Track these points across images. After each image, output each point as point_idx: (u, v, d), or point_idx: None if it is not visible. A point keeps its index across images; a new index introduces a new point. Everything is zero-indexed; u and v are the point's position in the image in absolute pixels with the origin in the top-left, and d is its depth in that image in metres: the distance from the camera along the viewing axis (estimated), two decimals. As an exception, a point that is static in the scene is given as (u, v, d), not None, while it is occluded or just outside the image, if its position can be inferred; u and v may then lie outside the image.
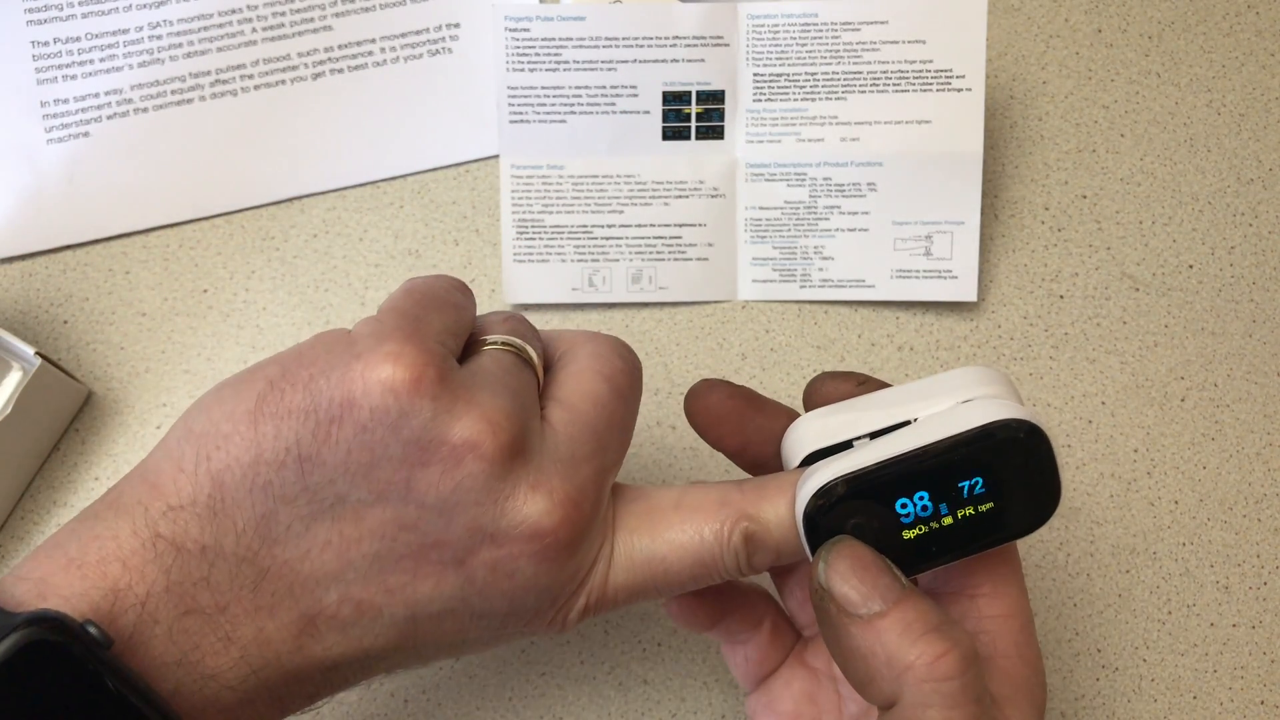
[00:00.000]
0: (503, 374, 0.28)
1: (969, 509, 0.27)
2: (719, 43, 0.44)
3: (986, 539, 0.28)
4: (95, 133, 0.46)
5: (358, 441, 0.25)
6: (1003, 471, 0.27)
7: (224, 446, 0.25)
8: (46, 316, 0.45)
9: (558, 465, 0.27)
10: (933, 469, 0.27)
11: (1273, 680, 0.42)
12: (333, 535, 0.26)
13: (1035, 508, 0.28)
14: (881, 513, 0.27)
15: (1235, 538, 0.43)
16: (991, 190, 0.46)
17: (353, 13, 0.47)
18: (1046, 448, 0.27)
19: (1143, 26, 0.48)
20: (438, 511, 0.26)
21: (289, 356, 0.26)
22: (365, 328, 0.27)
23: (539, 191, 0.45)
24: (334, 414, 0.25)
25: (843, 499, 0.27)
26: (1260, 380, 0.44)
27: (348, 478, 0.25)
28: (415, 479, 0.25)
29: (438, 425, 0.25)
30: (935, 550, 0.28)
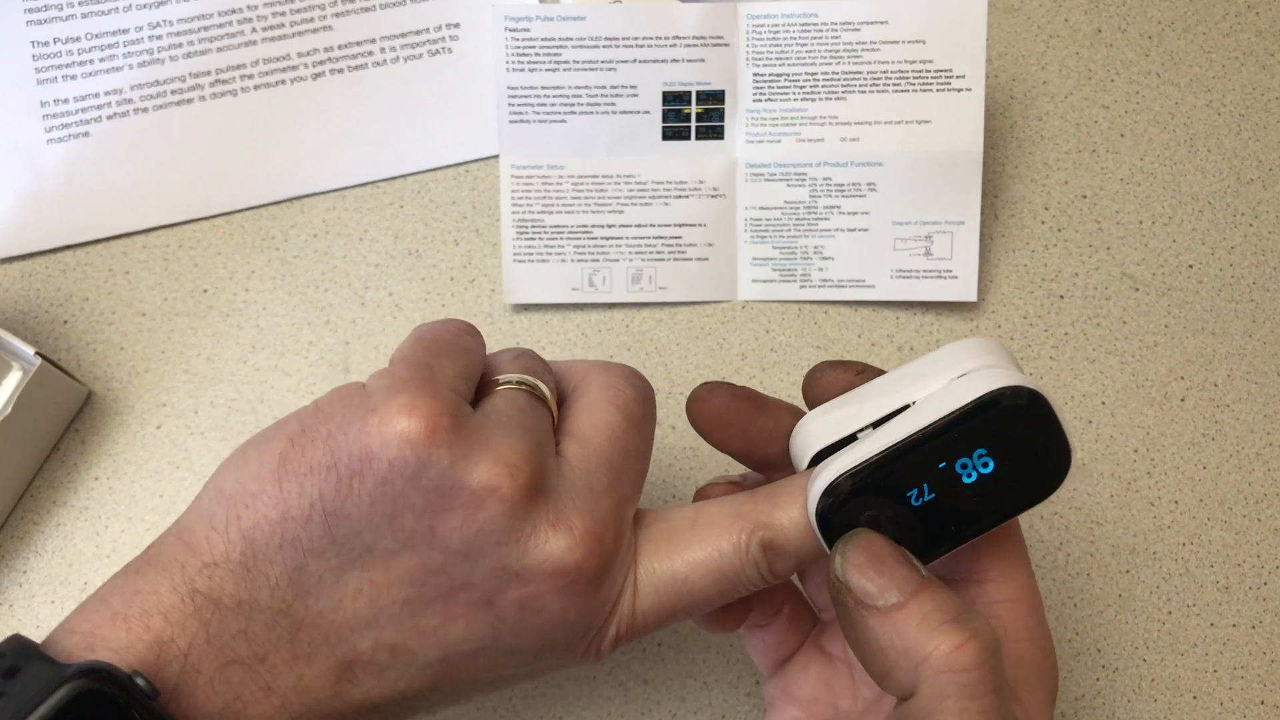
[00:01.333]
0: (517, 414, 0.28)
1: (982, 484, 0.27)
2: (719, 43, 0.44)
3: (1003, 510, 0.27)
4: (95, 133, 0.46)
5: (379, 493, 0.26)
6: (1007, 441, 0.27)
7: (252, 505, 0.26)
8: (46, 316, 0.45)
9: (576, 501, 0.27)
10: (936, 450, 0.27)
11: (1273, 680, 0.42)
12: (363, 584, 0.26)
13: (1047, 472, 0.27)
14: (893, 501, 0.27)
15: (1235, 538, 0.43)
16: (991, 190, 0.46)
17: (353, 13, 0.47)
18: (1047, 410, 0.27)
19: (1143, 26, 0.48)
20: (463, 555, 0.26)
21: (308, 413, 0.27)
22: (379, 380, 0.27)
23: (539, 191, 0.45)
24: (354, 468, 0.26)
25: (851, 494, 0.27)
26: (1260, 380, 0.44)
27: (373, 528, 0.26)
28: (438, 525, 0.26)
29: (455, 472, 0.26)
30: (954, 529, 0.27)
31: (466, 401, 0.28)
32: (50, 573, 0.42)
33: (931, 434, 0.27)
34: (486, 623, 0.27)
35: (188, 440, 0.44)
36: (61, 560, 0.42)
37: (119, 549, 0.42)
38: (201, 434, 0.44)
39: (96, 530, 0.43)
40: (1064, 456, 0.27)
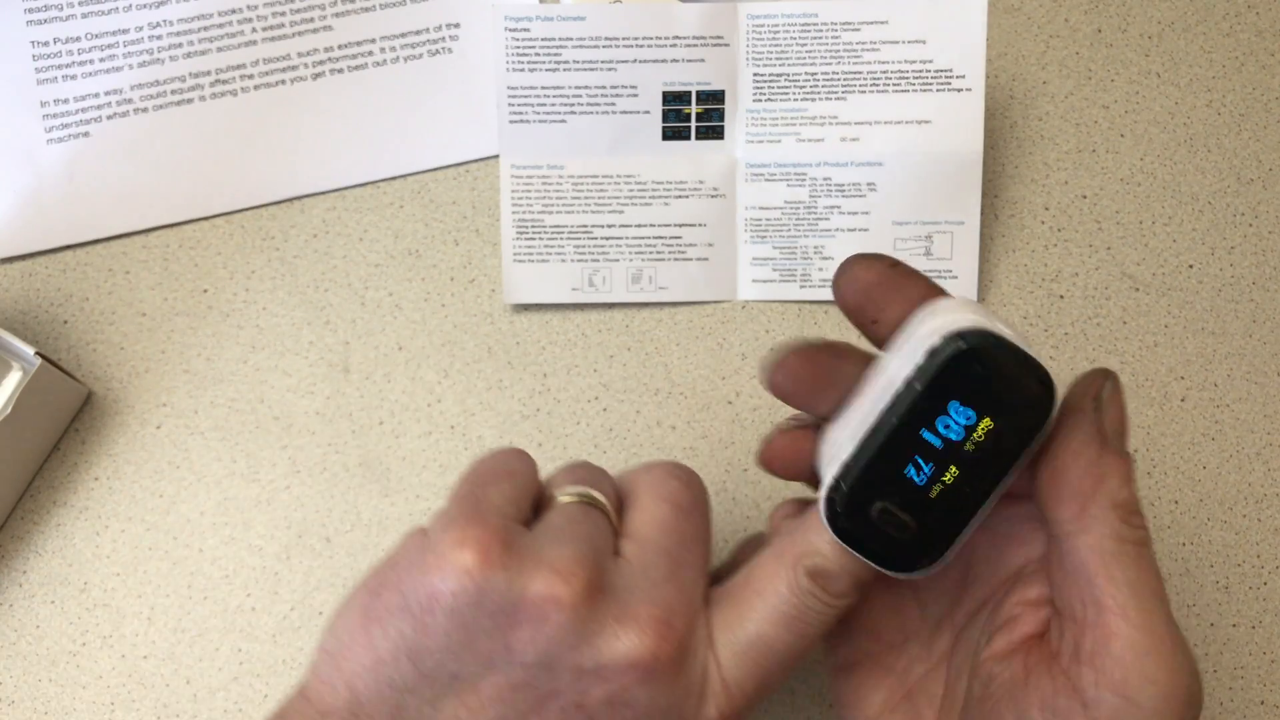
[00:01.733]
0: (569, 524, 0.30)
1: (972, 438, 0.26)
2: (719, 43, 0.44)
3: (1011, 456, 0.26)
4: (95, 133, 0.46)
5: (451, 624, 0.28)
6: (974, 386, 0.26)
7: (348, 655, 0.29)
8: (46, 316, 0.45)
9: (638, 593, 0.28)
10: (909, 422, 0.26)
11: (1273, 680, 0.42)
12: (460, 710, 0.28)
13: (1032, 399, 0.26)
14: (896, 486, 0.27)
15: (1235, 538, 0.43)
16: (991, 190, 0.46)
17: (353, 13, 0.47)
18: (995, 342, 0.26)
19: (1143, 26, 0.48)
20: (542, 666, 0.28)
21: (383, 566, 0.30)
22: (435, 522, 0.29)
23: (539, 191, 0.45)
24: (425, 606, 0.28)
25: (851, 496, 0.27)
26: (1260, 380, 0.44)
27: (454, 657, 0.28)
28: (512, 642, 0.28)
29: (514, 590, 0.28)
30: (969, 490, 0.27)
31: (519, 522, 0.30)
32: (50, 573, 0.42)
33: (898, 409, 0.26)
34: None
35: (188, 440, 0.44)
36: (61, 560, 0.42)
37: (119, 549, 0.42)
38: (201, 434, 0.44)
39: (96, 530, 0.43)
40: (1039, 377, 0.26)
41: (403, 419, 0.44)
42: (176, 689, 0.41)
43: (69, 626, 0.42)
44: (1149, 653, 0.26)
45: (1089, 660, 0.27)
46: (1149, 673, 0.26)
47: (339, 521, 0.43)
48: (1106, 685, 0.26)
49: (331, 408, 0.44)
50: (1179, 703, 0.26)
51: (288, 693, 0.30)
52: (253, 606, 0.42)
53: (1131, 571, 0.27)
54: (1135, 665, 0.26)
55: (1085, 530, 0.27)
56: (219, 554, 0.42)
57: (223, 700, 0.41)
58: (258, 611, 0.42)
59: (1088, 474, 0.27)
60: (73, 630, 0.42)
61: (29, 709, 0.41)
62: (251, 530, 0.43)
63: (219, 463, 0.43)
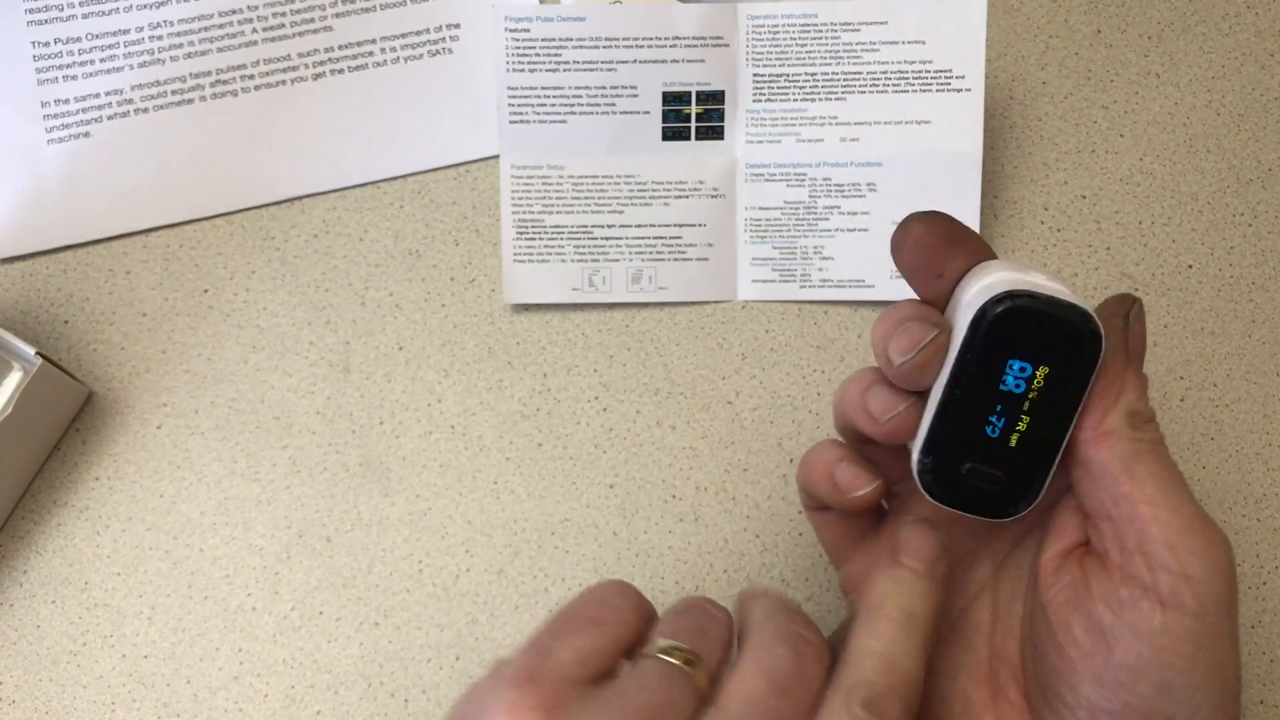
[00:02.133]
0: (639, 692, 0.27)
1: (1034, 386, 0.28)
2: (719, 43, 0.44)
3: (1075, 393, 0.28)
4: (96, 133, 0.46)
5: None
6: (1024, 341, 0.28)
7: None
8: (47, 316, 0.45)
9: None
10: (974, 385, 0.28)
11: (1272, 680, 0.42)
12: None
13: (1082, 339, 0.28)
14: (978, 444, 0.29)
15: (1235, 537, 0.43)
16: (991, 190, 0.46)
17: (353, 13, 0.47)
18: (1034, 298, 0.27)
19: (1142, 27, 0.48)
20: None
21: (460, 703, 0.28)
22: (497, 671, 0.28)
23: (539, 192, 0.45)
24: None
25: (938, 464, 0.29)
26: (1259, 380, 0.44)
27: None
28: None
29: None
30: (1046, 433, 0.28)
31: (591, 680, 0.28)
32: (51, 572, 0.42)
33: (963, 377, 0.28)
34: None
35: (188, 440, 0.44)
36: (62, 560, 0.42)
37: (119, 549, 0.42)
38: (202, 434, 0.44)
39: (97, 530, 0.43)
40: (1081, 319, 0.27)
41: (403, 419, 0.44)
42: (177, 688, 0.41)
43: (70, 626, 0.42)
44: (1185, 530, 0.28)
45: (1136, 550, 0.28)
46: (1192, 546, 0.28)
47: (339, 521, 0.43)
48: (1160, 567, 0.28)
49: (332, 408, 0.44)
50: (1224, 566, 0.28)
51: None
52: (253, 606, 0.42)
53: (1152, 465, 0.28)
54: (1179, 543, 0.28)
55: (1105, 436, 0.28)
56: (219, 554, 0.42)
57: (223, 700, 0.41)
58: (258, 611, 0.42)
59: (1112, 385, 0.29)
60: (73, 630, 0.42)
61: (30, 708, 0.41)
62: (252, 530, 0.43)
63: (219, 462, 0.43)
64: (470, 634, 0.42)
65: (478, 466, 0.43)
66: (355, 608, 0.42)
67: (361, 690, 0.41)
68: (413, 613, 0.42)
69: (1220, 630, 0.28)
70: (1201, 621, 0.28)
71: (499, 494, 0.43)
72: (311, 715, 0.41)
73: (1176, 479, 0.29)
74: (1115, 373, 0.29)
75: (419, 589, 0.42)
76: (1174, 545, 0.28)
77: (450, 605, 0.42)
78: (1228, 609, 0.28)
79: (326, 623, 0.42)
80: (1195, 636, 0.27)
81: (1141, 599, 0.28)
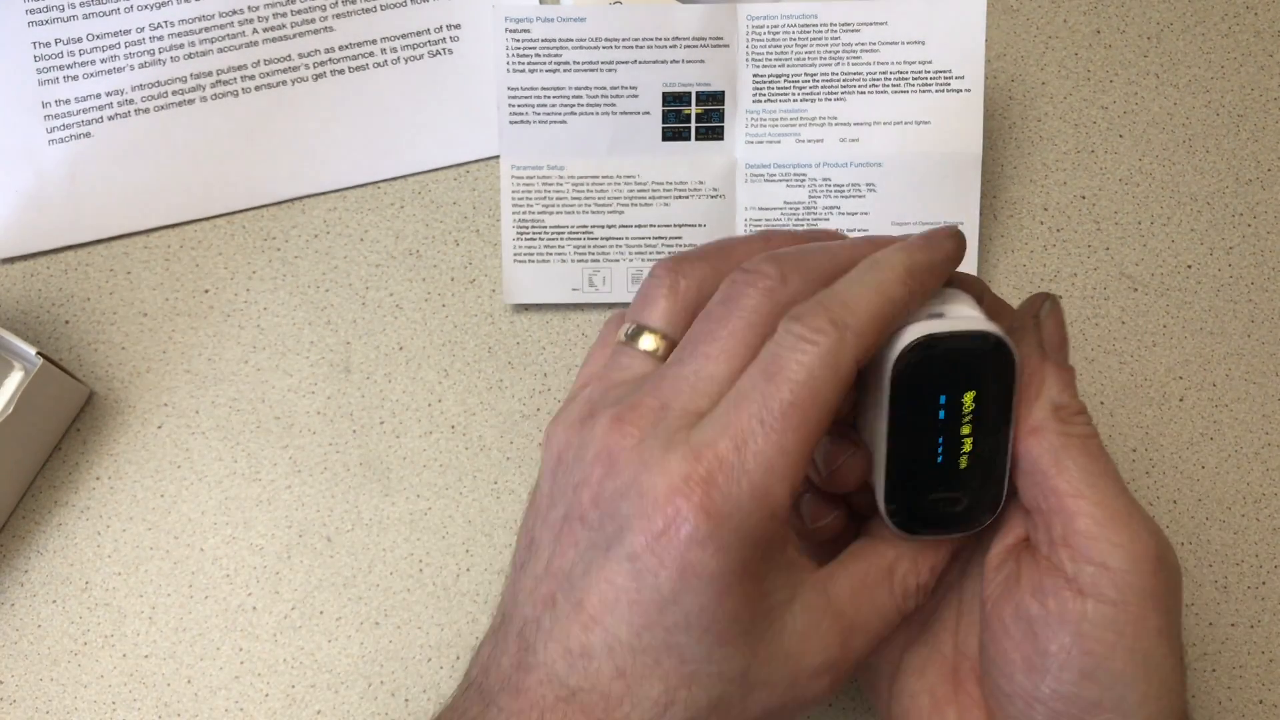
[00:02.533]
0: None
1: (967, 410, 0.29)
2: (719, 44, 0.44)
3: (1004, 404, 0.30)
4: (97, 133, 0.46)
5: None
6: (945, 378, 0.29)
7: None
8: (48, 316, 0.45)
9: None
10: (914, 430, 0.30)
11: (1271, 679, 0.42)
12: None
13: (996, 358, 0.29)
14: (933, 475, 0.30)
15: (1234, 537, 0.43)
16: (990, 191, 0.46)
17: (354, 14, 0.47)
18: (937, 340, 0.29)
19: (1141, 27, 0.48)
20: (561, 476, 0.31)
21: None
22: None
23: (539, 192, 0.45)
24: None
25: (904, 505, 0.30)
26: (1259, 380, 0.44)
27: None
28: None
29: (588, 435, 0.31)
30: (991, 445, 0.30)
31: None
32: (52, 572, 0.42)
33: (899, 426, 0.30)
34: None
35: (189, 440, 0.44)
36: (63, 560, 0.42)
37: (120, 548, 0.42)
38: (203, 434, 0.44)
39: (98, 530, 0.43)
40: (984, 340, 0.29)
41: (403, 419, 0.44)
42: (178, 688, 0.41)
43: (70, 626, 0.42)
44: (1108, 521, 0.29)
45: (1062, 542, 0.29)
46: (1113, 538, 0.29)
47: (340, 521, 0.43)
48: (1081, 558, 0.29)
49: (332, 407, 0.44)
50: (1149, 561, 0.29)
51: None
52: (254, 606, 0.42)
53: (1080, 459, 0.29)
54: (1100, 534, 0.29)
55: (1032, 431, 0.30)
56: (220, 553, 0.42)
57: (224, 699, 0.41)
58: (259, 611, 0.42)
59: (1030, 381, 0.30)
60: (74, 629, 0.42)
61: (30, 708, 0.41)
62: (252, 530, 0.43)
63: (220, 462, 0.43)
64: (470, 634, 0.42)
65: (478, 466, 0.43)
66: (355, 607, 0.42)
67: (361, 690, 0.41)
68: (413, 613, 0.42)
69: (1143, 620, 0.29)
70: (1122, 610, 0.28)
71: (499, 494, 0.43)
72: (312, 715, 0.41)
73: (1106, 472, 0.30)
74: (1032, 370, 0.30)
75: (419, 589, 0.42)
76: (1095, 537, 0.29)
77: (450, 605, 0.42)
78: (1153, 600, 0.29)
79: (327, 622, 0.42)
80: (1115, 625, 0.28)
81: (1064, 588, 0.29)
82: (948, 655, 0.33)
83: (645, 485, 0.27)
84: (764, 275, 0.30)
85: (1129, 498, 0.30)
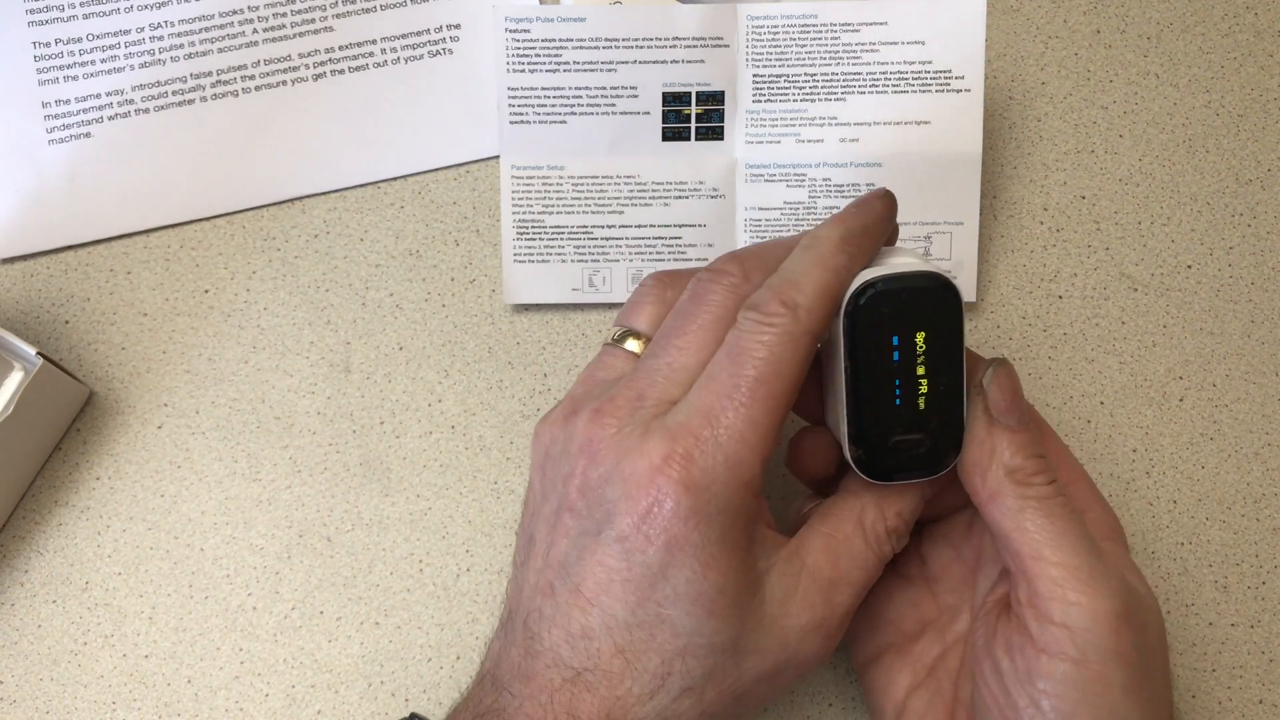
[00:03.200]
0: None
1: (920, 351, 0.31)
2: (719, 44, 0.44)
3: (955, 341, 0.31)
4: (97, 133, 0.46)
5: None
6: (894, 318, 0.31)
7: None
8: (48, 317, 0.45)
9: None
10: (870, 372, 0.31)
11: (1271, 679, 0.42)
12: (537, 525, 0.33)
13: (941, 295, 0.31)
14: (892, 417, 0.31)
15: (1234, 537, 0.43)
16: (990, 191, 0.46)
17: (354, 14, 0.47)
18: (884, 281, 0.30)
19: (1141, 27, 0.48)
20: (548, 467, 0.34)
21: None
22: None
23: (539, 192, 0.45)
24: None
25: (868, 449, 0.32)
26: (1259, 380, 0.44)
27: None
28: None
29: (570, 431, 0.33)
30: (946, 384, 0.31)
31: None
32: (52, 572, 0.42)
33: (856, 370, 0.31)
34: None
35: (189, 440, 0.44)
36: (63, 560, 0.42)
37: (120, 549, 0.42)
38: (203, 434, 0.44)
39: (98, 530, 0.43)
40: (929, 279, 0.31)
41: (403, 419, 0.44)
42: (178, 688, 0.41)
43: (70, 626, 0.42)
44: (1067, 581, 0.30)
45: (1028, 602, 0.30)
46: (1071, 598, 0.29)
47: (340, 521, 0.43)
48: (1043, 618, 0.30)
49: (332, 408, 0.44)
50: (1110, 619, 0.29)
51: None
52: (254, 606, 0.42)
53: (1038, 520, 0.30)
54: (1058, 595, 0.30)
55: (990, 497, 0.31)
56: (220, 553, 0.42)
57: (224, 699, 0.41)
58: (259, 611, 0.42)
59: (980, 450, 0.31)
60: (74, 629, 0.42)
61: (30, 708, 0.41)
62: (252, 530, 0.43)
63: (220, 462, 0.43)
64: (470, 634, 0.42)
65: (478, 466, 0.43)
66: (355, 608, 0.42)
67: (361, 690, 0.41)
68: (413, 613, 0.42)
69: (1106, 678, 0.29)
70: (1084, 668, 0.29)
71: (499, 494, 0.43)
72: (312, 715, 0.41)
73: (1068, 531, 0.30)
74: (979, 438, 0.31)
75: (419, 589, 0.42)
76: (1055, 598, 0.30)
77: (450, 605, 0.42)
78: (1117, 658, 0.29)
79: (327, 622, 0.42)
80: (1078, 683, 0.29)
81: (1029, 645, 0.30)
82: (948, 701, 0.34)
83: (627, 470, 0.29)
84: (727, 273, 0.32)
85: (1093, 554, 0.30)
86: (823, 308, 0.31)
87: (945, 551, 0.36)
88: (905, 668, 0.35)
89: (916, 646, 0.35)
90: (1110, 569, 0.30)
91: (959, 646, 0.35)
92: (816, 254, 0.31)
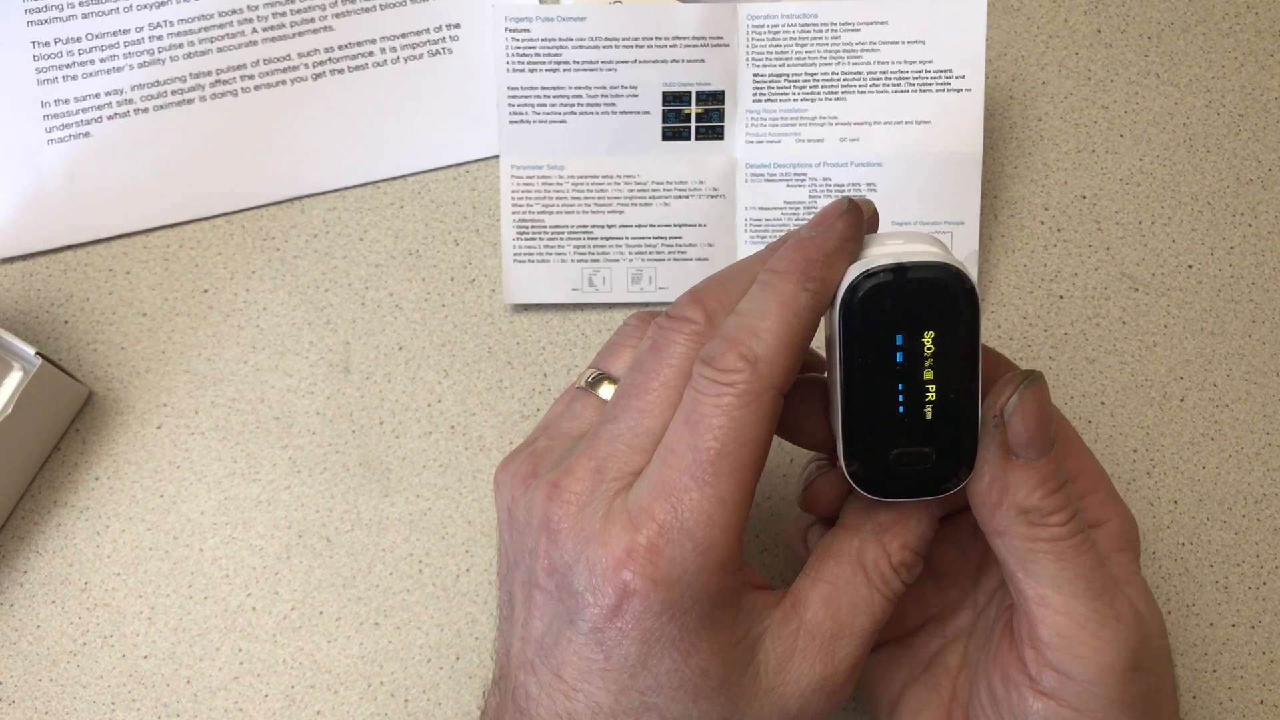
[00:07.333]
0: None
1: (927, 353, 0.27)
2: (719, 43, 0.44)
3: (970, 345, 0.27)
4: (96, 133, 0.46)
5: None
6: (899, 314, 0.27)
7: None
8: (47, 317, 0.45)
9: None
10: (869, 373, 0.27)
11: (1272, 680, 0.42)
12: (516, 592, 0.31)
13: (955, 293, 0.27)
14: (895, 428, 0.28)
15: (1234, 538, 0.43)
16: (991, 190, 0.46)
17: (353, 13, 0.47)
18: (890, 271, 0.27)
19: (1142, 27, 0.48)
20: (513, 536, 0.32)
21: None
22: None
23: (539, 192, 0.45)
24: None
25: (865, 462, 0.28)
26: (1259, 380, 0.44)
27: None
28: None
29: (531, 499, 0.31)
30: (957, 393, 0.27)
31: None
32: (51, 572, 0.42)
33: (852, 370, 0.27)
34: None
35: (188, 440, 0.44)
36: (62, 560, 0.42)
37: (119, 549, 0.42)
38: (202, 434, 0.44)
39: (97, 530, 0.43)
40: (944, 273, 0.27)
41: (403, 419, 0.44)
42: (177, 688, 0.41)
43: (70, 626, 0.42)
44: (1073, 632, 0.28)
45: (1028, 641, 0.29)
46: (1076, 650, 0.28)
47: (339, 521, 0.43)
48: (1044, 663, 0.29)
49: (332, 408, 0.44)
50: (1116, 671, 0.28)
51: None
52: (253, 606, 0.42)
53: (1048, 563, 0.28)
54: (1062, 646, 0.28)
55: (1000, 534, 0.29)
56: (219, 554, 0.42)
57: (223, 700, 0.41)
58: (258, 611, 0.42)
59: (993, 487, 0.28)
60: (73, 630, 0.42)
61: (29, 708, 0.41)
62: (252, 530, 0.43)
63: (219, 463, 0.43)
64: (470, 634, 0.42)
65: (478, 466, 0.43)
66: (355, 608, 0.42)
67: (361, 690, 0.41)
68: (413, 613, 0.42)
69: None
70: (1084, 715, 0.28)
71: (499, 494, 0.43)
72: (311, 715, 0.41)
73: (1078, 576, 0.28)
74: (993, 476, 0.28)
75: (419, 589, 0.42)
76: (1058, 647, 0.28)
77: (450, 605, 0.42)
78: (1122, 706, 0.28)
79: (326, 623, 0.42)
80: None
81: (1026, 685, 0.29)
82: (945, 699, 0.33)
83: (591, 559, 0.27)
84: (688, 320, 0.29)
85: (1103, 602, 0.28)
86: (786, 357, 0.27)
87: (950, 548, 0.34)
88: (903, 661, 0.34)
89: (915, 640, 0.35)
90: (1121, 611, 0.28)
91: (959, 643, 0.34)
92: (777, 294, 0.28)
